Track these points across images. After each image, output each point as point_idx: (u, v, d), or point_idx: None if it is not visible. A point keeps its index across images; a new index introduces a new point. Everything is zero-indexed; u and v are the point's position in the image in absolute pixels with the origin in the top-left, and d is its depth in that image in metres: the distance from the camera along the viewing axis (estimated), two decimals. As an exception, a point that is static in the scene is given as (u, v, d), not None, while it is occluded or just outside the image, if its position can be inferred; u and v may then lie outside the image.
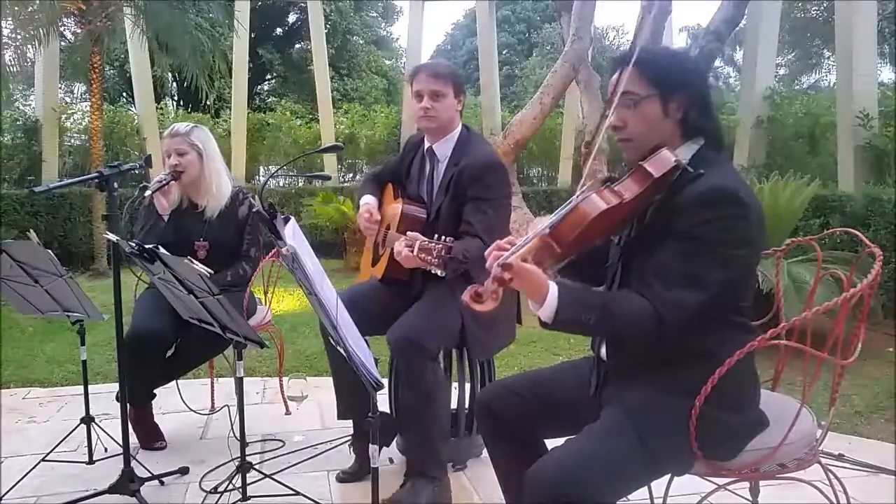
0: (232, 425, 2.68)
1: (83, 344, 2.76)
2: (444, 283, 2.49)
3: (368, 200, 2.69)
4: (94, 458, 2.79)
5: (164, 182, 2.86)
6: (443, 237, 1.94)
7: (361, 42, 21.98)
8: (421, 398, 2.39)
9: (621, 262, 1.69)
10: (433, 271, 1.94)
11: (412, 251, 1.97)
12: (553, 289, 1.47)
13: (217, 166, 3.04)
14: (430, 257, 1.91)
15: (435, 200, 2.60)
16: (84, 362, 2.78)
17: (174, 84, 19.97)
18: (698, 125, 1.62)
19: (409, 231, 2.07)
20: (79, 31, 8.29)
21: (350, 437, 2.77)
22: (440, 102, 2.51)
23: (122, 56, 13.36)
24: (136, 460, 2.55)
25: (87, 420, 2.78)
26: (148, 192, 2.77)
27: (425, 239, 1.95)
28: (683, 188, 1.54)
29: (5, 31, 7.67)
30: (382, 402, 2.61)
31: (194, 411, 3.24)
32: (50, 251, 2.42)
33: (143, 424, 2.94)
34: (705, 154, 1.62)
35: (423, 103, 2.52)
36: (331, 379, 2.73)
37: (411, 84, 2.58)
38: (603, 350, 1.73)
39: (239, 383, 2.44)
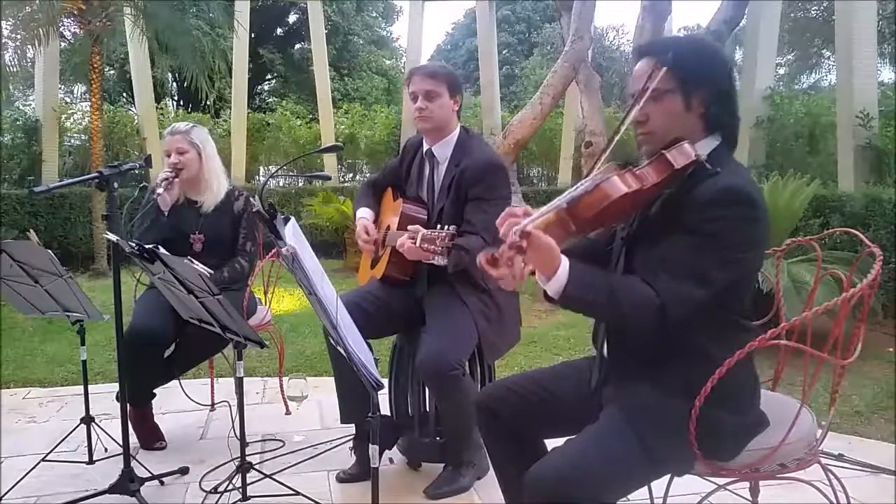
0: (232, 425, 2.68)
1: (83, 344, 2.76)
2: (451, 290, 2.50)
3: (364, 215, 2.71)
4: (94, 458, 2.79)
5: (171, 178, 2.89)
6: (446, 226, 1.93)
7: (362, 42, 21.98)
8: (458, 407, 2.44)
9: (624, 252, 1.68)
10: (436, 261, 1.94)
11: (415, 242, 1.97)
12: (565, 263, 1.47)
13: (215, 166, 3.07)
14: (433, 246, 1.91)
15: (436, 202, 2.60)
16: (84, 362, 2.78)
17: (174, 84, 19.97)
18: (719, 120, 1.62)
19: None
20: (79, 31, 8.29)
21: (351, 439, 2.77)
22: (434, 102, 2.52)
23: (122, 56, 13.34)
24: (136, 460, 2.55)
25: (87, 420, 2.78)
26: (160, 190, 2.83)
27: (427, 230, 1.95)
28: (698, 184, 1.53)
29: (5, 31, 7.68)
30: (383, 403, 2.62)
31: (196, 402, 3.25)
32: (50, 251, 2.42)
33: (143, 424, 2.94)
34: (721, 152, 1.62)
35: (418, 104, 2.53)
36: (330, 379, 2.73)
37: (407, 87, 2.59)
38: (605, 348, 1.73)
39: (239, 383, 2.44)
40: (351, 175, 10.89)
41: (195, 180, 3.03)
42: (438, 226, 1.97)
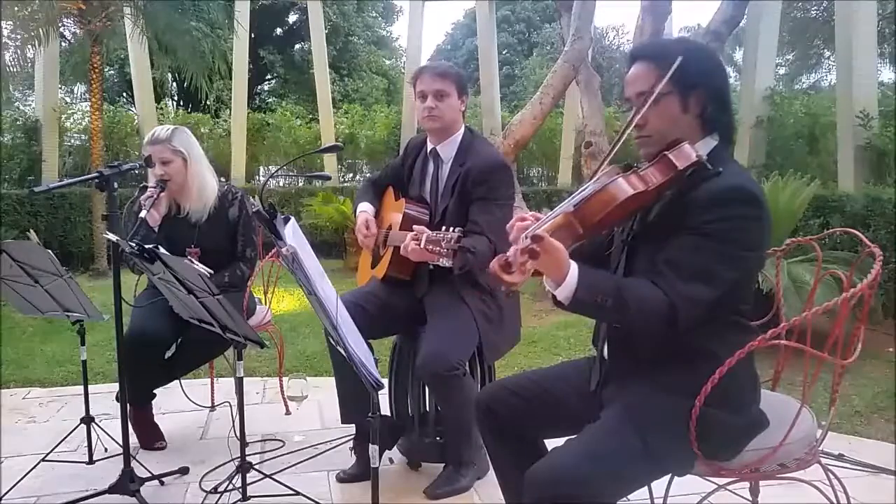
0: (232, 425, 2.68)
1: (83, 344, 2.77)
2: (452, 290, 2.50)
3: (365, 209, 2.69)
4: (94, 458, 2.79)
5: (155, 197, 2.83)
6: (451, 228, 1.93)
7: (362, 42, 21.98)
8: (458, 408, 2.44)
9: (625, 255, 1.68)
10: (441, 263, 1.94)
11: (420, 244, 1.97)
12: (574, 268, 1.46)
13: (201, 169, 2.98)
14: (438, 248, 1.91)
15: (440, 202, 2.60)
16: (84, 362, 2.79)
17: (174, 84, 19.96)
18: (716, 120, 1.63)
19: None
20: (79, 31, 8.29)
21: (351, 439, 2.77)
22: (444, 102, 2.51)
23: (122, 56, 13.35)
24: (136, 460, 2.55)
25: (87, 420, 2.78)
26: (143, 214, 2.75)
27: (432, 232, 1.95)
28: (699, 185, 1.53)
29: (5, 32, 7.68)
30: (383, 403, 2.62)
31: (196, 403, 3.25)
32: (50, 251, 2.42)
33: (143, 424, 2.94)
34: (720, 152, 1.62)
35: (428, 103, 2.52)
36: (330, 379, 2.73)
37: (414, 85, 2.57)
38: (605, 349, 1.73)
39: (239, 383, 2.44)
40: (351, 175, 10.89)
41: (181, 187, 2.95)
42: (443, 227, 1.96)
